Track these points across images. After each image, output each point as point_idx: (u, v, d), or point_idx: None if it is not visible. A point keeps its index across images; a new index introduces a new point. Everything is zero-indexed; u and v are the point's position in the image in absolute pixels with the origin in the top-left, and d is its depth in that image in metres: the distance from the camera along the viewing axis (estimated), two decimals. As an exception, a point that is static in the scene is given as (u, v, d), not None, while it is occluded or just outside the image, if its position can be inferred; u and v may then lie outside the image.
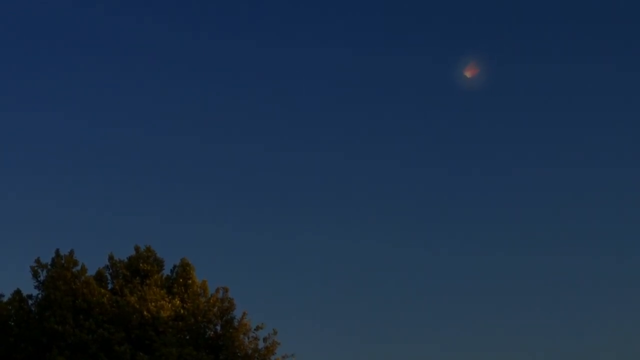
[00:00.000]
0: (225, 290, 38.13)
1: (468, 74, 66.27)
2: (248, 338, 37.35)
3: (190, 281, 38.20)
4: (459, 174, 78.41)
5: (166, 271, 39.06)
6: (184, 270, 38.58)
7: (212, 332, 37.39)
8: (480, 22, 79.64)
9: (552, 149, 78.87)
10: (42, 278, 37.20)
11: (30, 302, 36.99)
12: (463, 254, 72.41)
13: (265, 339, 37.41)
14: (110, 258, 38.61)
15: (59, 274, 36.43)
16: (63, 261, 37.17)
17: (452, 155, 79.08)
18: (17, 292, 36.96)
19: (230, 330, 37.13)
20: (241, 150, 78.24)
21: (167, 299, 36.85)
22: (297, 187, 78.64)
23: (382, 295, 69.51)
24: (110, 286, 38.07)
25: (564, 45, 79.42)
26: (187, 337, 36.46)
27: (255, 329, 37.49)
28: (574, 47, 78.99)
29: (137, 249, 38.84)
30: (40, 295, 36.93)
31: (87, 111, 79.91)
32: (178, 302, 37.16)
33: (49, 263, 37.44)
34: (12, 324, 36.19)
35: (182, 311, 36.82)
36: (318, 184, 78.46)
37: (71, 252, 37.62)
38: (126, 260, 38.62)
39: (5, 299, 36.95)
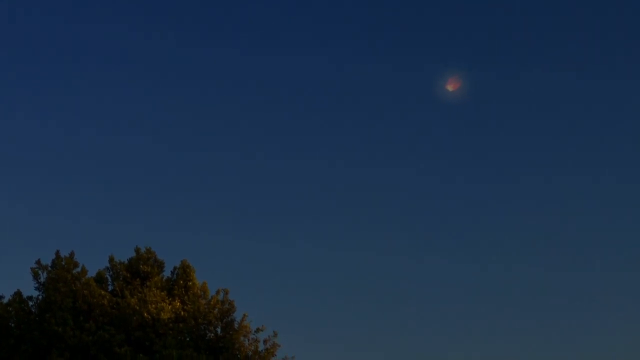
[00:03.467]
0: (226, 292, 38.12)
1: (450, 87, 66.79)
2: (248, 340, 37.34)
3: (190, 283, 38.19)
4: (447, 182, 78.95)
5: (166, 273, 39.11)
6: (184, 272, 38.56)
7: (213, 334, 37.36)
8: (462, 32, 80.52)
9: (541, 157, 79.54)
10: (42, 279, 37.17)
11: (30, 303, 36.94)
12: (453, 261, 72.94)
13: (265, 341, 37.43)
14: (111, 260, 38.59)
15: (59, 276, 36.40)
16: (63, 263, 37.14)
17: (441, 164, 79.65)
18: (18, 294, 36.91)
19: (231, 332, 37.11)
20: (240, 157, 78.85)
21: (167, 301, 36.84)
22: (292, 194, 79.08)
23: (380, 301, 69.81)
24: (110, 288, 38.05)
25: (546, 54, 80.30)
26: (188, 339, 36.45)
27: (255, 331, 37.50)
28: (556, 55, 79.91)
29: (137, 250, 38.82)
30: (40, 297, 36.90)
31: (89, 118, 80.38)
32: (178, 304, 37.14)
33: (50, 264, 37.41)
34: (13, 325, 36.18)
35: (182, 313, 36.80)
36: (313, 191, 78.94)
37: (71, 254, 37.61)
38: (126, 262, 38.61)
39: (5, 300, 36.91)
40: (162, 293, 37.04)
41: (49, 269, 37.24)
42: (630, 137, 78.23)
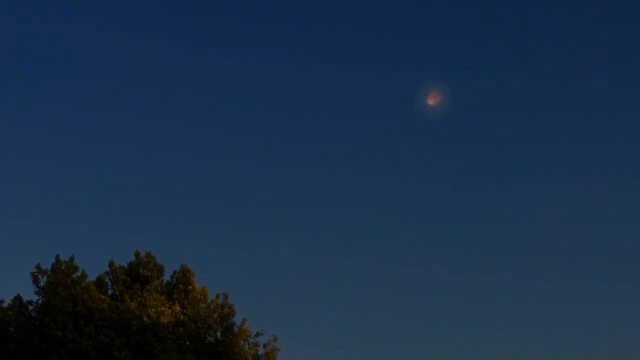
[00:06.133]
0: (226, 296, 38.10)
1: (431, 102, 67.26)
2: (248, 344, 37.35)
3: (190, 287, 38.16)
4: (438, 190, 79.46)
5: (166, 277, 39.08)
6: (184, 276, 38.53)
7: (213, 339, 37.35)
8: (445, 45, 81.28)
9: (530, 165, 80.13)
10: (42, 284, 37.16)
11: (30, 308, 36.92)
12: (453, 269, 73.30)
13: (265, 346, 37.44)
14: (111, 264, 38.56)
15: (59, 280, 36.38)
16: (63, 267, 37.12)
17: (429, 173, 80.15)
18: (18, 298, 36.91)
19: (231, 336, 37.10)
20: (235, 165, 79.43)
21: (167, 305, 36.81)
22: (291, 201, 79.44)
23: (380, 306, 70.06)
24: (110, 292, 38.03)
25: (527, 63, 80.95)
26: (188, 344, 36.43)
27: (255, 336, 37.51)
28: (538, 64, 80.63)
29: (137, 255, 38.80)
30: (40, 301, 36.89)
31: (89, 125, 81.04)
32: (178, 308, 37.12)
33: (50, 269, 37.39)
34: (13, 330, 36.15)
35: (182, 317, 36.78)
36: (312, 198, 79.33)
37: (71, 258, 37.59)
38: (126, 266, 38.60)
39: (5, 305, 36.89)
40: (162, 297, 37.02)
41: (49, 273, 37.22)
42: (621, 144, 78.90)
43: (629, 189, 76.20)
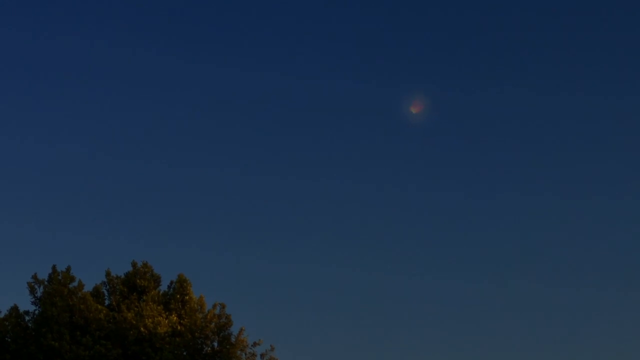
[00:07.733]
0: (223, 306, 38.06)
1: (414, 109, 67.75)
2: (245, 354, 37.30)
3: (187, 297, 38.13)
4: (434, 198, 79.79)
5: (163, 287, 39.05)
6: (181, 286, 38.49)
7: (209, 348, 37.30)
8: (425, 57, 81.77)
9: (521, 173, 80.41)
10: (39, 294, 37.13)
11: (27, 318, 36.89)
12: (449, 279, 73.53)
13: (262, 355, 37.40)
14: (108, 274, 38.55)
15: (55, 290, 36.36)
16: (60, 277, 37.10)
17: (423, 181, 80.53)
18: (14, 308, 36.86)
19: (228, 346, 37.05)
20: (232, 175, 79.90)
21: (164, 315, 36.79)
22: (276, 212, 79.81)
23: (376, 316, 70.28)
24: (107, 302, 38.02)
25: (505, 73, 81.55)
26: (184, 353, 36.40)
27: (252, 345, 37.48)
28: (516, 74, 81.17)
29: (134, 264, 38.78)
30: (37, 312, 36.85)
31: (83, 135, 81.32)
32: (175, 318, 37.10)
33: (46, 279, 37.37)
34: (9, 340, 36.09)
35: (179, 327, 36.75)
36: (309, 208, 79.63)
37: (68, 268, 37.56)
38: (123, 276, 38.57)
39: (1, 315, 36.86)
40: (159, 307, 36.99)
41: (46, 283, 37.19)
42: (607, 152, 79.27)
43: (626, 197, 76.55)
